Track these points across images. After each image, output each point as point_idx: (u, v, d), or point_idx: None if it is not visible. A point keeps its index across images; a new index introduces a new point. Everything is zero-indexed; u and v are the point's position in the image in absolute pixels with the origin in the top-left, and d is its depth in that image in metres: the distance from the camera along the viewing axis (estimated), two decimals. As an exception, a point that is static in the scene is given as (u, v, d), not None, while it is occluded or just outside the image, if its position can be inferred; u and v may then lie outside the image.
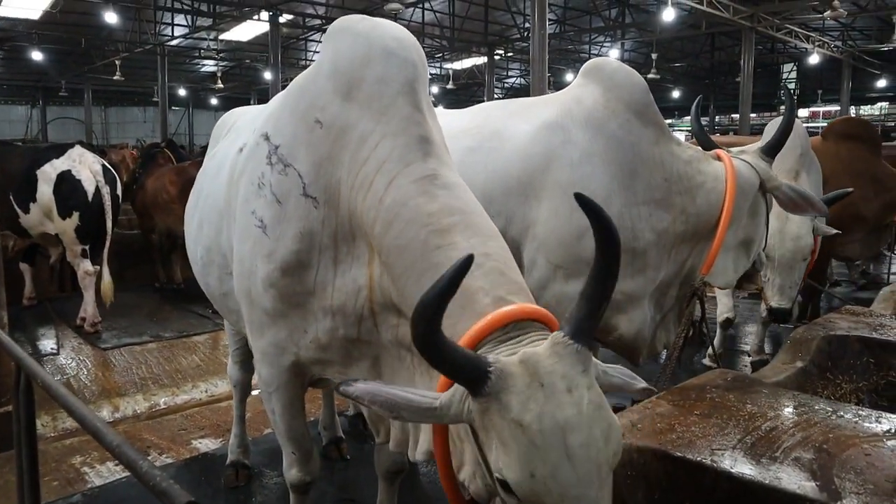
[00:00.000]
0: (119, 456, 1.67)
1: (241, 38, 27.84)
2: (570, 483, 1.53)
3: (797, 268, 4.54)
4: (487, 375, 1.55)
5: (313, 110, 2.18)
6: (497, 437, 1.57)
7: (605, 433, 1.58)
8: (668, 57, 32.51)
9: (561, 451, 1.53)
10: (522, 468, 1.53)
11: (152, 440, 4.52)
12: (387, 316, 2.04)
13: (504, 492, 1.60)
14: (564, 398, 1.55)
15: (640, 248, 3.23)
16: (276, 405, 2.47)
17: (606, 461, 1.57)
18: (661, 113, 3.40)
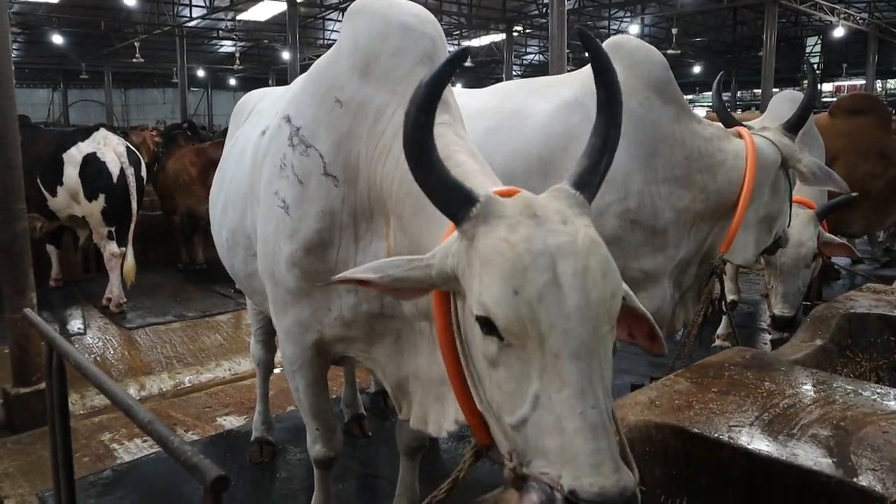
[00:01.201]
0: (151, 432, 1.73)
1: (259, 17, 27.80)
2: (559, 313, 1.42)
3: (800, 275, 4.38)
4: (475, 199, 1.53)
5: (333, 90, 2.22)
6: (480, 261, 1.49)
7: (603, 267, 1.47)
8: (689, 32, 32.05)
9: (550, 275, 1.43)
10: (504, 284, 1.43)
11: (178, 417, 4.62)
12: None
13: (485, 334, 1.49)
14: (558, 227, 1.48)
15: (660, 226, 3.23)
16: (299, 382, 2.53)
17: (604, 300, 1.45)
18: (681, 89, 3.39)
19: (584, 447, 1.37)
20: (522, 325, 1.42)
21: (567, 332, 1.42)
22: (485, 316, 1.46)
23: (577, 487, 1.34)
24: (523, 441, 1.46)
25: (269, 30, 30.06)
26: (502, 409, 1.51)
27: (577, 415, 1.39)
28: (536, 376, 1.43)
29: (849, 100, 6.93)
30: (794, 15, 28.01)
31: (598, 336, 1.45)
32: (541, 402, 1.42)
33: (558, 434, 1.39)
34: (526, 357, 1.44)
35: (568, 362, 1.41)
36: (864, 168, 6.29)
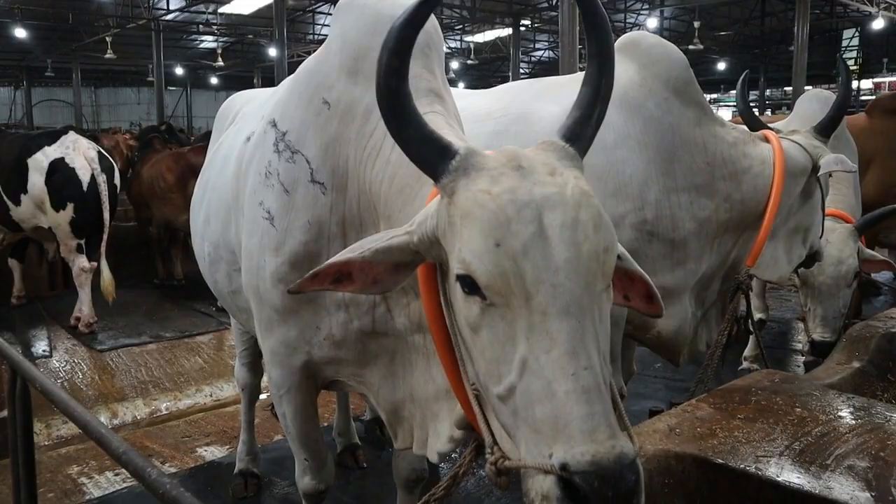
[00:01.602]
0: (125, 464, 1.75)
1: (243, 11, 27.99)
2: (546, 267, 1.42)
3: (840, 295, 4.37)
4: (455, 151, 1.56)
5: (320, 91, 2.26)
6: (460, 216, 1.49)
7: (595, 220, 1.47)
8: (712, 25, 32.20)
9: (536, 227, 1.43)
10: (485, 236, 1.44)
11: (154, 448, 4.64)
12: (398, 297, 2.11)
13: (466, 295, 1.50)
14: (545, 178, 1.50)
15: (679, 238, 3.26)
16: (287, 408, 2.54)
17: (596, 254, 1.46)
18: (704, 88, 3.43)
19: (577, 411, 1.37)
20: (506, 281, 1.43)
21: (555, 287, 1.42)
22: (465, 274, 1.48)
23: (568, 460, 1.34)
24: (512, 414, 1.47)
25: (254, 24, 30.26)
26: (488, 380, 1.52)
27: (569, 376, 1.39)
28: (523, 338, 1.43)
29: (888, 99, 7.06)
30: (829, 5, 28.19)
31: (591, 293, 1.46)
32: (528, 367, 1.42)
33: (548, 399, 1.40)
34: (511, 317, 1.45)
35: (557, 320, 1.41)
36: None
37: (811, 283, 4.39)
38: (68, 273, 7.72)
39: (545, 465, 1.37)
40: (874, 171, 6.47)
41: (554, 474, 1.36)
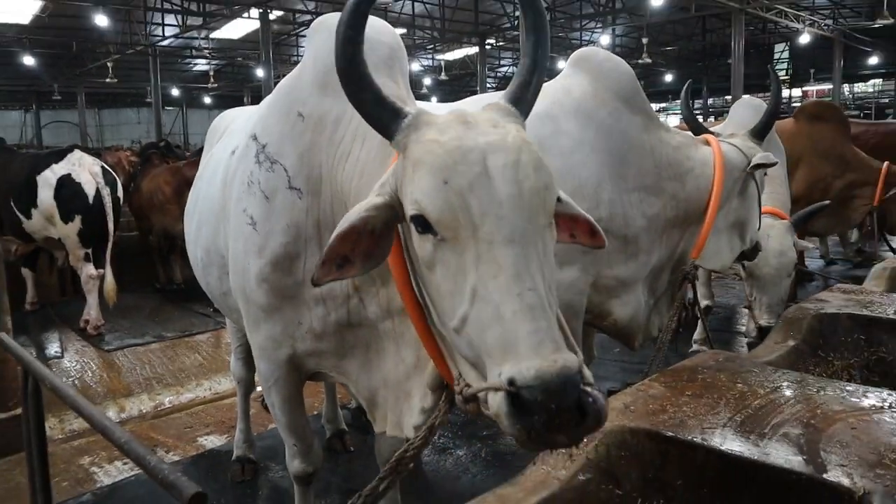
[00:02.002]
0: (128, 452, 1.73)
1: (233, 35, 27.86)
2: (491, 201, 1.45)
3: (783, 284, 4.47)
4: (406, 112, 1.61)
5: (296, 105, 2.26)
6: (412, 165, 1.53)
7: (534, 162, 1.51)
8: (659, 41, 32.49)
9: (481, 168, 1.47)
10: (434, 176, 1.47)
11: (159, 439, 4.59)
12: (369, 286, 2.12)
13: (420, 234, 1.52)
14: (489, 129, 1.54)
15: (631, 234, 3.28)
16: (275, 399, 2.54)
17: (537, 191, 1.49)
18: (654, 97, 3.47)
19: (522, 329, 1.38)
20: (454, 215, 1.45)
21: (500, 218, 1.44)
22: (418, 213, 1.50)
23: (514, 375, 1.35)
24: (468, 345, 1.48)
25: (243, 48, 30.11)
26: (445, 315, 1.53)
27: (514, 296, 1.41)
28: (472, 268, 1.45)
29: (812, 106, 7.32)
30: (762, 22, 28.51)
31: (535, 227, 1.49)
32: (478, 294, 1.44)
33: (497, 322, 1.41)
34: (460, 250, 1.46)
35: (502, 248, 1.44)
36: (825, 169, 6.65)
37: (756, 275, 4.44)
38: (76, 280, 7.64)
39: (496, 384, 1.38)
40: (802, 169, 6.64)
41: (503, 390, 1.36)
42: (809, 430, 2.17)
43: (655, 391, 2.48)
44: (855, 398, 2.48)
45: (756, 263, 4.25)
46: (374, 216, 1.61)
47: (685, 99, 4.25)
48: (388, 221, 1.64)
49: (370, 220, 1.61)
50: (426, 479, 3.88)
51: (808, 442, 2.10)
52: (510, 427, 1.36)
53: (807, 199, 6.24)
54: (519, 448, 1.43)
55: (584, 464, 2.04)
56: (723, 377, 2.64)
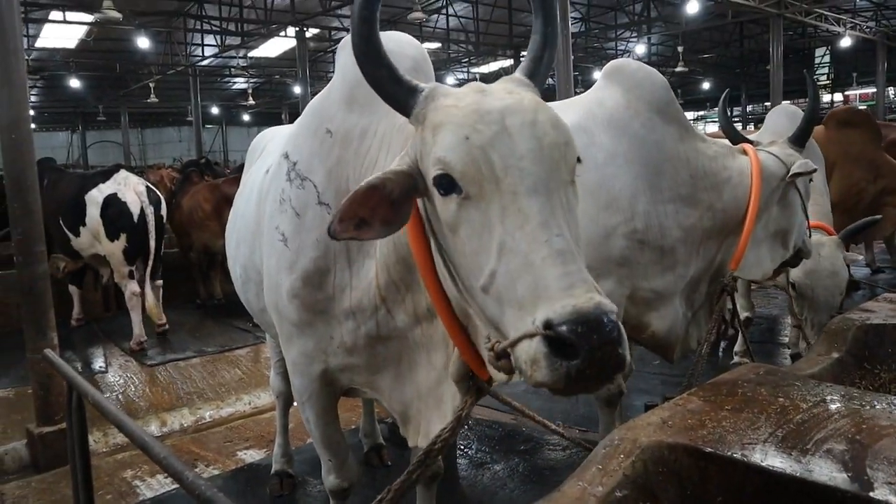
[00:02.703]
0: (166, 468, 1.76)
1: (270, 54, 28.31)
2: (512, 154, 1.48)
3: (835, 302, 4.29)
4: (422, 88, 1.66)
5: (324, 122, 2.29)
6: (432, 131, 1.56)
7: (552, 121, 1.56)
8: (696, 48, 32.13)
9: (500, 127, 1.51)
10: (456, 133, 1.51)
11: (199, 453, 4.65)
12: (394, 295, 2.12)
13: (443, 196, 1.53)
14: (504, 95, 1.59)
15: (668, 245, 3.24)
16: (310, 414, 2.56)
17: (557, 145, 1.53)
18: (691, 105, 3.43)
19: (553, 272, 1.39)
20: (478, 168, 1.48)
21: (522, 170, 1.47)
22: (441, 172, 1.52)
23: (550, 316, 1.34)
24: (497, 302, 1.47)
25: (281, 65, 30.56)
26: (471, 277, 1.53)
27: (543, 243, 1.41)
28: (498, 222, 1.46)
29: (842, 112, 7.30)
30: (801, 27, 28.04)
31: (557, 180, 1.51)
32: (506, 247, 1.44)
33: (527, 271, 1.41)
34: (485, 206, 1.48)
35: (526, 198, 1.45)
36: (858, 174, 6.58)
37: (808, 296, 4.25)
38: (120, 297, 7.82)
39: (531, 330, 1.37)
40: (835, 176, 6.56)
41: (539, 334, 1.35)
42: (855, 446, 2.11)
43: (694, 405, 2.43)
44: (902, 412, 2.41)
45: (809, 284, 4.10)
46: (393, 180, 1.63)
47: (723, 107, 4.20)
48: (406, 190, 1.65)
49: (388, 182, 1.63)
50: (463, 494, 3.86)
51: (854, 458, 2.04)
52: (549, 371, 1.34)
53: (842, 206, 6.14)
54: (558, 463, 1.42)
55: (620, 480, 2.01)
56: (763, 391, 2.58)
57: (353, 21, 1.66)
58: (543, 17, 1.80)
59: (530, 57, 1.79)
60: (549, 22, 1.80)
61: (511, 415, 4.79)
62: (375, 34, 1.64)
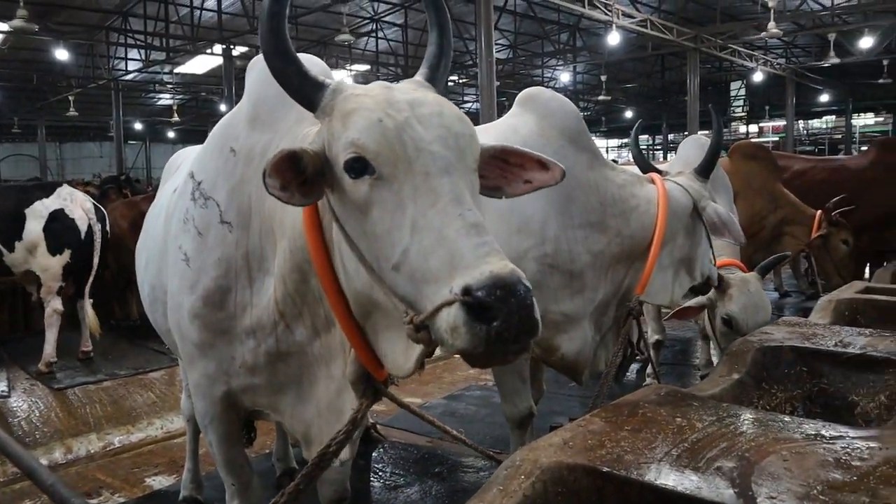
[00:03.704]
0: (52, 495, 1.70)
1: (196, 70, 27.81)
2: (424, 139, 1.56)
3: None
4: (328, 83, 1.72)
5: (229, 141, 2.29)
6: (342, 119, 1.63)
7: (457, 114, 1.67)
8: (619, 78, 33.21)
9: (410, 113, 1.59)
10: (370, 115, 1.58)
11: (105, 480, 4.48)
12: (292, 309, 2.12)
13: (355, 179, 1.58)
14: (410, 91, 1.70)
15: (577, 269, 3.33)
16: (212, 437, 2.52)
17: (464, 135, 1.63)
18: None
19: (468, 243, 1.44)
20: (391, 148, 1.54)
21: (433, 153, 1.55)
22: (354, 155, 1.57)
23: (468, 282, 1.38)
24: (410, 279, 1.50)
25: (208, 82, 30.04)
26: (382, 258, 1.56)
27: (456, 217, 1.47)
28: (411, 200, 1.51)
29: (746, 146, 7.80)
30: (718, 61, 29.31)
31: (464, 165, 1.60)
32: (418, 225, 1.49)
33: (441, 244, 1.45)
34: (397, 186, 1.53)
35: (438, 178, 1.52)
36: (760, 204, 6.97)
37: (742, 330, 4.18)
38: (31, 318, 7.56)
39: (449, 298, 1.40)
40: (739, 205, 6.89)
41: (458, 301, 1.38)
42: (743, 463, 2.20)
43: (595, 426, 2.49)
44: (790, 430, 2.52)
45: (744, 318, 4.14)
46: (310, 154, 1.66)
47: (635, 138, 4.35)
48: (318, 170, 1.68)
49: (305, 155, 1.66)
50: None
51: (741, 475, 2.12)
52: (470, 336, 1.37)
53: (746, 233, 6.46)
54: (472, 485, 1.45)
55: (520, 501, 2.04)
56: (663, 411, 2.67)
57: (262, 17, 1.70)
58: (438, 29, 1.95)
59: (428, 65, 1.92)
60: (444, 34, 1.95)
61: (427, 437, 4.80)
62: (283, 30, 1.68)
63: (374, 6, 23.83)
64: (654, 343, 5.92)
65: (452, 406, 5.72)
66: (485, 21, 11.26)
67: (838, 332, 4.04)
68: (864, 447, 2.35)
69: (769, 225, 7.11)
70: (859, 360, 3.59)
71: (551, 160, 1.93)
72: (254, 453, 4.53)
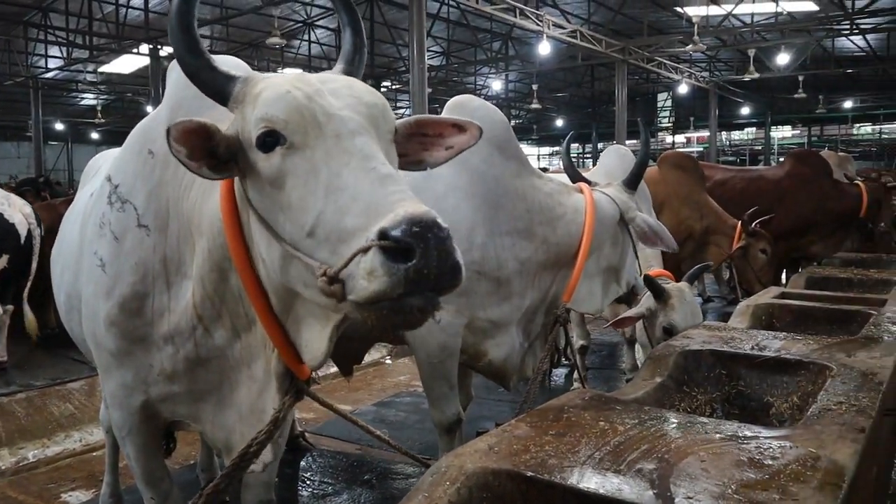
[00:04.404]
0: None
1: (122, 70, 26.99)
2: (332, 105, 1.58)
3: None
4: (238, 76, 1.72)
5: (147, 143, 2.25)
6: (252, 101, 1.64)
7: (369, 89, 1.71)
8: (551, 87, 33.78)
9: (319, 87, 1.62)
10: (279, 88, 1.61)
11: (17, 497, 4.28)
12: (210, 311, 2.09)
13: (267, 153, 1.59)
14: (322, 76, 1.72)
15: (504, 276, 3.36)
16: (130, 449, 2.45)
17: (376, 104, 1.66)
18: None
19: (382, 192, 1.44)
20: (301, 115, 1.55)
21: (343, 117, 1.57)
22: (265, 129, 1.58)
23: (384, 225, 1.36)
24: (326, 241, 1.49)
25: (134, 83, 29.16)
26: (296, 228, 1.55)
27: (369, 171, 1.48)
28: (324, 163, 1.52)
29: (673, 156, 8.01)
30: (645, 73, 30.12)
31: (379, 133, 1.62)
32: (332, 186, 1.49)
33: (356, 200, 1.45)
34: (310, 152, 1.54)
35: (350, 139, 1.53)
36: (685, 213, 7.18)
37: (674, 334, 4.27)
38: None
39: (364, 245, 1.38)
40: (666, 212, 7.14)
41: (374, 246, 1.36)
42: (662, 465, 2.26)
43: (521, 431, 2.52)
44: (708, 432, 2.60)
45: (684, 327, 4.26)
46: (223, 135, 1.67)
47: (566, 149, 4.43)
48: (231, 152, 1.68)
49: (218, 134, 1.66)
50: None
51: (660, 476, 2.18)
52: (388, 276, 1.35)
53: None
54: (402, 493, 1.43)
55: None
56: (587, 415, 2.71)
57: (171, 14, 1.69)
58: (351, 29, 2.01)
59: (344, 61, 1.97)
60: (357, 33, 2.01)
61: (356, 444, 4.76)
62: (193, 27, 1.68)
63: (306, 9, 23.60)
64: (579, 348, 6.04)
65: (382, 413, 5.69)
66: (417, 28, 11.34)
67: (755, 335, 4.20)
68: (776, 446, 2.44)
69: (694, 233, 7.35)
70: (774, 363, 3.74)
71: (466, 120, 1.95)
72: (178, 464, 4.42)
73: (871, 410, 2.83)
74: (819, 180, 8.54)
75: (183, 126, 1.61)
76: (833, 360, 3.55)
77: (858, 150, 35.22)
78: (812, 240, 8.63)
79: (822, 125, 38.25)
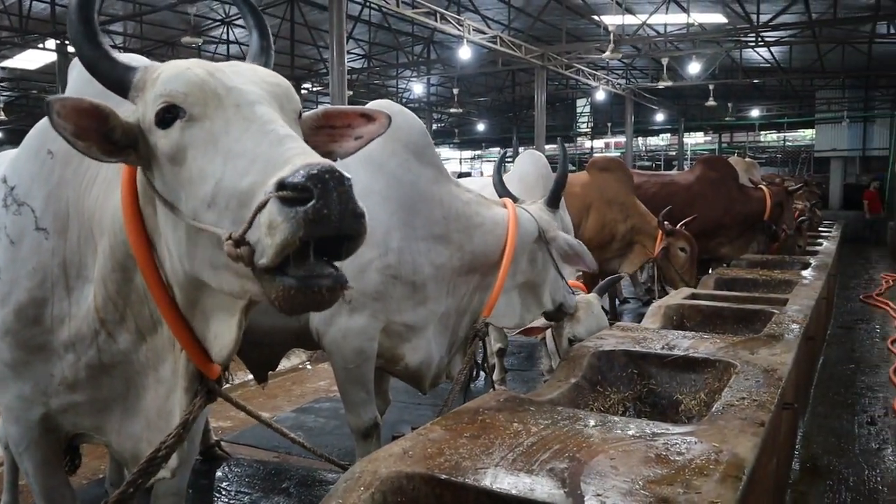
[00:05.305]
0: None
1: (27, 66, 25.77)
2: (233, 79, 1.59)
3: None
4: (138, 66, 1.71)
5: (46, 143, 2.17)
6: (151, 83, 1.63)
7: (273, 74, 1.73)
8: (472, 91, 34.07)
9: (220, 68, 1.63)
10: (178, 66, 1.61)
11: None
12: (113, 314, 2.02)
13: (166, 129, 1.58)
14: (226, 62, 1.72)
15: (420, 281, 3.38)
16: (28, 465, 2.34)
17: (278, 84, 1.68)
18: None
19: (280, 149, 1.43)
20: (201, 87, 1.55)
21: (243, 89, 1.57)
22: (164, 104, 1.57)
23: (282, 175, 1.34)
24: (226, 208, 1.48)
25: (41, 79, 27.86)
26: (197, 200, 1.54)
27: (268, 132, 1.48)
28: (223, 132, 1.51)
29: (602, 160, 8.23)
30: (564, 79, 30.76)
31: (284, 110, 1.62)
32: (232, 151, 1.48)
33: (253, 162, 1.44)
34: (209, 123, 1.53)
35: (250, 108, 1.53)
36: (611, 215, 7.42)
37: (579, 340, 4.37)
38: None
39: (263, 200, 1.35)
40: (592, 214, 7.34)
41: (272, 197, 1.34)
42: (573, 464, 2.32)
43: (436, 434, 2.54)
44: (619, 430, 2.69)
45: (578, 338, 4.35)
46: (121, 121, 1.64)
47: (497, 166, 4.48)
48: (129, 138, 1.66)
49: (115, 118, 1.64)
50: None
51: (571, 475, 2.24)
52: (288, 223, 1.31)
53: (597, 242, 6.94)
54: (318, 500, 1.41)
55: (359, 512, 2.04)
56: (501, 417, 2.76)
57: (71, 5, 1.66)
58: (258, 31, 2.03)
59: (254, 54, 2.00)
60: (263, 36, 2.03)
61: (274, 452, 4.69)
62: (93, 18, 1.66)
63: (224, 8, 23.07)
64: (497, 351, 6.13)
65: (302, 419, 5.62)
66: (337, 29, 11.26)
67: (666, 335, 4.35)
68: (682, 442, 2.54)
69: (619, 234, 7.62)
70: (683, 362, 3.88)
71: (374, 110, 1.95)
72: (86, 479, 4.25)
73: (770, 405, 2.98)
74: (726, 184, 8.97)
75: (72, 104, 1.57)
76: (737, 358, 3.72)
77: (765, 156, 36.87)
78: (721, 242, 9.05)
79: (731, 132, 39.84)
